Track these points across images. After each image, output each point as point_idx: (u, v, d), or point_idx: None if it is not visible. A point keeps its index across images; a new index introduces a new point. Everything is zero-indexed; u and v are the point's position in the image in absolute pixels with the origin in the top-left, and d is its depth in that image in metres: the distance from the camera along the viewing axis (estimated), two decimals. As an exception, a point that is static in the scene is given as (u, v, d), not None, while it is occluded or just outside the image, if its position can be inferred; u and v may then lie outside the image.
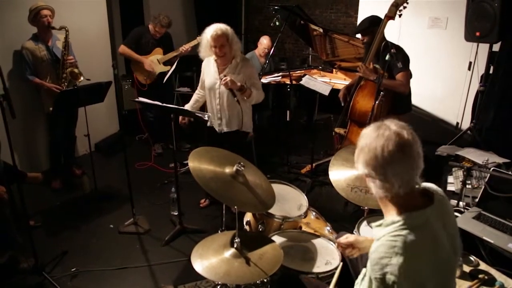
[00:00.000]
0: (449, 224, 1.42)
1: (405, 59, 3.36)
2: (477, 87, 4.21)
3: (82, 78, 3.85)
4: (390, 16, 3.28)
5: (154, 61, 4.74)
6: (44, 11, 3.67)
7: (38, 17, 3.66)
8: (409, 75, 3.33)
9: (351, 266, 2.05)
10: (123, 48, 4.66)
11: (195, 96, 3.52)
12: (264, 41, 5.24)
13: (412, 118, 3.92)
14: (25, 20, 3.70)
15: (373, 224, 1.44)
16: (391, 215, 1.37)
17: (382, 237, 1.32)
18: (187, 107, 3.48)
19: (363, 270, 1.64)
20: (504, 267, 2.22)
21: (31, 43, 3.72)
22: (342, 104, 3.73)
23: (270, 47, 5.06)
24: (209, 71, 3.28)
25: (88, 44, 4.71)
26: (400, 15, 3.29)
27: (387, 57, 3.06)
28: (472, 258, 2.20)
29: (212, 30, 3.05)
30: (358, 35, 3.85)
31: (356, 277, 1.78)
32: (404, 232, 1.28)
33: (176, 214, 3.52)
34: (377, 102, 3.18)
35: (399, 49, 3.34)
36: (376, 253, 1.30)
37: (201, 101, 3.51)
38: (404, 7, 3.27)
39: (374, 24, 3.43)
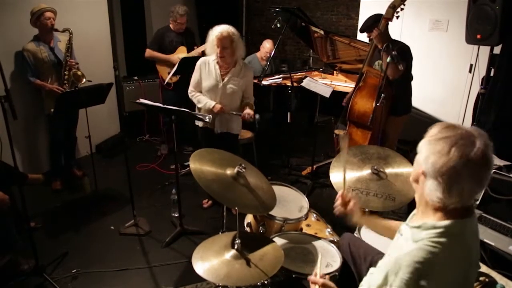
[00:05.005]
0: (477, 241, 1.42)
1: (408, 58, 3.35)
2: (478, 90, 4.21)
3: (84, 80, 3.86)
4: (388, 18, 3.29)
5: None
6: (48, 14, 3.68)
7: (42, 19, 3.67)
8: (403, 67, 3.28)
9: (354, 267, 2.05)
10: (148, 52, 4.66)
11: (197, 93, 3.42)
12: (267, 45, 5.26)
13: (413, 120, 3.93)
14: (26, 22, 3.71)
15: (410, 224, 1.40)
16: (431, 219, 1.33)
17: (420, 240, 1.30)
18: (201, 96, 3.36)
19: (371, 270, 1.63)
20: (505, 269, 2.22)
21: (33, 45, 3.73)
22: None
23: (272, 51, 5.07)
24: (209, 73, 3.29)
25: (89, 46, 4.72)
26: (397, 17, 3.30)
27: (388, 59, 3.06)
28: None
29: (219, 30, 3.11)
30: (363, 34, 3.84)
31: (360, 279, 1.78)
32: (444, 239, 1.26)
33: (176, 215, 3.52)
34: (378, 104, 3.18)
35: (403, 48, 3.34)
36: (411, 256, 1.27)
37: None
38: (402, 9, 3.27)
39: (378, 20, 3.44)
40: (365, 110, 3.36)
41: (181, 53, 4.75)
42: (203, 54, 3.44)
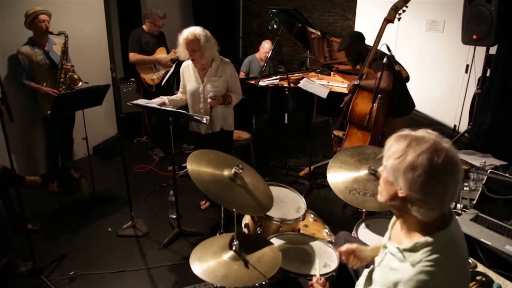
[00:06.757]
0: (461, 232, 1.40)
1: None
2: (474, 90, 4.23)
3: (81, 83, 3.86)
4: (390, 19, 3.30)
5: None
6: (42, 16, 3.66)
7: (36, 21, 3.65)
8: (389, 74, 3.27)
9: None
10: (133, 55, 4.65)
11: (178, 95, 3.49)
12: (266, 46, 5.29)
13: (410, 121, 3.94)
14: (21, 25, 3.69)
15: (400, 247, 1.35)
16: (419, 236, 1.30)
17: (418, 263, 1.26)
18: (170, 98, 3.40)
19: (364, 271, 1.64)
20: (502, 268, 2.23)
21: (27, 48, 3.72)
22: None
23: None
24: (190, 75, 3.32)
25: (86, 48, 4.71)
26: (399, 19, 3.31)
27: (384, 60, 3.07)
28: (470, 260, 2.21)
29: (186, 33, 3.10)
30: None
31: (357, 278, 1.79)
32: (437, 255, 1.24)
33: (174, 217, 3.52)
34: (375, 105, 3.19)
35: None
36: (416, 282, 1.24)
37: (184, 101, 3.45)
38: (404, 11, 3.28)
39: (355, 40, 3.50)
40: (366, 112, 3.36)
41: (162, 53, 4.78)
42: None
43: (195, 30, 3.10)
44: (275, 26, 4.66)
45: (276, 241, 2.31)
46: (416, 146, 1.23)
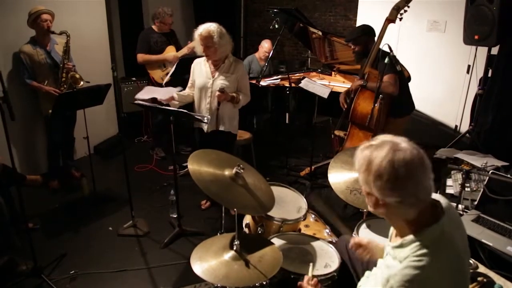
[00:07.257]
0: (461, 229, 1.41)
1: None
2: (476, 90, 4.22)
3: (82, 82, 3.87)
4: (391, 19, 3.29)
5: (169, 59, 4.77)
6: (45, 15, 3.67)
7: (38, 21, 3.65)
8: (396, 78, 3.28)
9: (352, 268, 2.05)
10: (141, 56, 4.67)
11: (187, 90, 3.49)
12: (266, 45, 5.28)
13: (411, 121, 3.94)
14: (24, 23, 3.69)
15: (392, 245, 1.39)
16: (409, 234, 1.32)
17: (405, 259, 1.29)
18: (178, 93, 3.41)
19: (366, 273, 1.64)
20: (503, 269, 2.22)
21: (29, 47, 3.72)
22: (344, 109, 3.73)
23: (271, 51, 5.08)
24: (201, 71, 3.32)
25: (87, 47, 4.71)
26: (400, 19, 3.30)
27: (386, 60, 3.07)
28: (471, 261, 2.20)
29: (200, 29, 3.12)
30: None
31: (358, 279, 1.79)
32: (426, 250, 1.26)
33: (175, 216, 3.52)
34: (376, 105, 3.18)
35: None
36: (401, 276, 1.26)
37: (191, 97, 3.46)
38: (405, 11, 3.28)
39: (365, 33, 3.48)
40: (368, 112, 3.36)
41: (171, 52, 4.78)
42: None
43: (209, 27, 3.11)
44: (276, 26, 4.66)
45: (277, 241, 2.31)
46: (376, 154, 1.28)
